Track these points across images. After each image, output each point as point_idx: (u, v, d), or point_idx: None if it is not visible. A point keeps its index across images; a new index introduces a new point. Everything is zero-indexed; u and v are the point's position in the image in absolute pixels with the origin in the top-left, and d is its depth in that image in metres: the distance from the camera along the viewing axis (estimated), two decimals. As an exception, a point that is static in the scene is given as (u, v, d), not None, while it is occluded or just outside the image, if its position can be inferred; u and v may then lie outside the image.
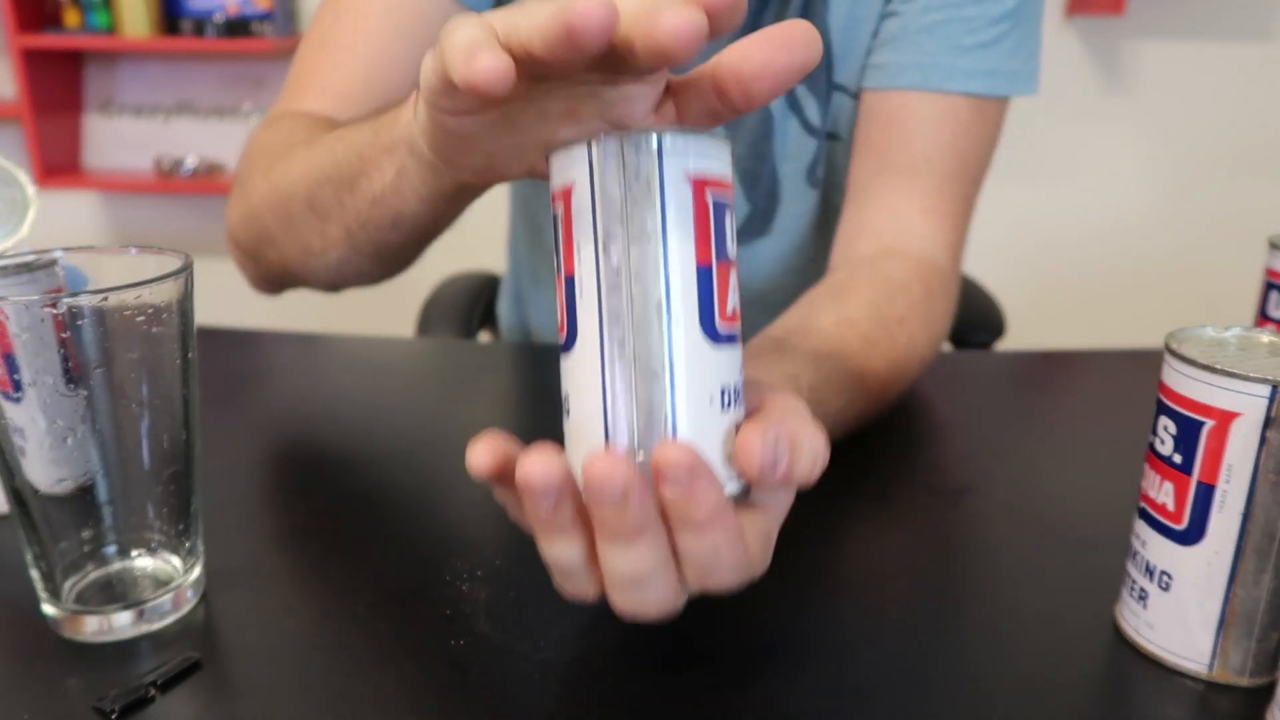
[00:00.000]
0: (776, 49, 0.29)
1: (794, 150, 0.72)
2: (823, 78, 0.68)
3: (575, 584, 0.31)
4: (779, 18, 0.68)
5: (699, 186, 0.29)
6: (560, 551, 0.30)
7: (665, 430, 0.29)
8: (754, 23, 0.68)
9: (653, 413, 0.29)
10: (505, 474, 0.30)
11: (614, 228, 0.29)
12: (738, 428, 0.30)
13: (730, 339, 0.30)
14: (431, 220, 0.49)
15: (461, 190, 0.44)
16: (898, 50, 0.64)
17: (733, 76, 0.31)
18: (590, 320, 0.29)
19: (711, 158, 0.30)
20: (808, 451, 0.30)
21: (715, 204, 0.30)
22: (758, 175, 0.72)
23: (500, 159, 0.38)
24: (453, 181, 0.43)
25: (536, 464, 0.28)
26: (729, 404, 0.30)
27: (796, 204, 0.74)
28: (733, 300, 0.31)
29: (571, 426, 0.31)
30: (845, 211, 0.67)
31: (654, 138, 0.29)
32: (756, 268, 0.77)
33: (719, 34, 0.29)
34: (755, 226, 0.75)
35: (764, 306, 0.78)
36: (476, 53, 0.28)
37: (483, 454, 0.30)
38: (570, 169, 0.29)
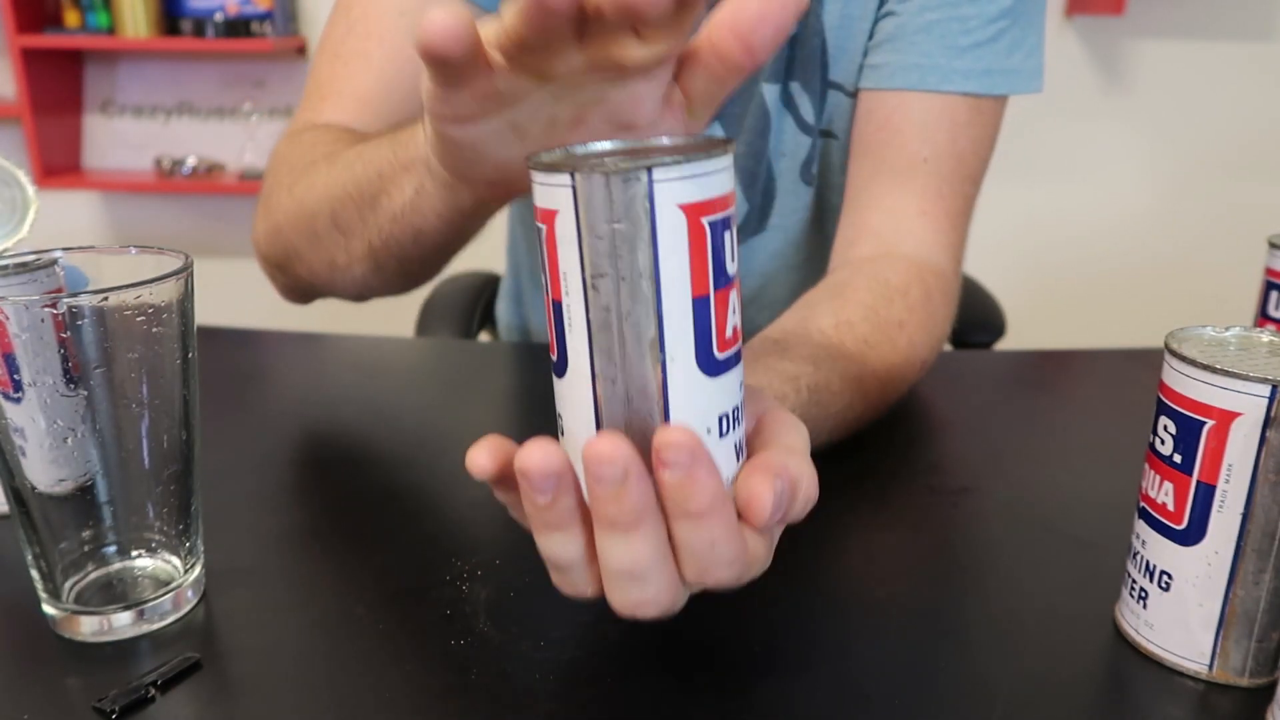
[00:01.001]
0: (762, 13, 0.29)
1: (789, 147, 0.72)
2: (817, 75, 0.68)
3: (572, 581, 0.31)
4: None
5: (694, 214, 0.27)
6: (558, 547, 0.30)
7: None
8: None
9: (648, 450, 0.28)
10: (506, 475, 0.30)
11: (602, 265, 0.27)
12: (737, 448, 0.30)
13: (729, 363, 0.29)
14: (453, 236, 0.49)
15: (480, 206, 0.44)
16: (895, 50, 0.64)
17: (731, 33, 0.29)
18: (580, 353, 0.28)
19: (708, 178, 0.27)
20: (803, 498, 0.31)
21: (712, 228, 0.28)
22: (755, 173, 0.72)
23: (513, 172, 0.37)
24: (470, 198, 0.43)
25: (535, 453, 0.28)
26: (728, 430, 0.30)
27: (792, 200, 0.74)
28: (733, 321, 0.29)
29: (567, 445, 0.30)
30: (844, 213, 0.67)
31: (644, 174, 0.26)
32: (752, 264, 0.77)
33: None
34: (752, 224, 0.75)
35: (761, 304, 0.78)
36: (430, 13, 0.28)
37: (483, 456, 0.29)
38: (553, 196, 0.27)
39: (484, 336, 1.02)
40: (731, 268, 0.29)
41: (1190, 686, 0.35)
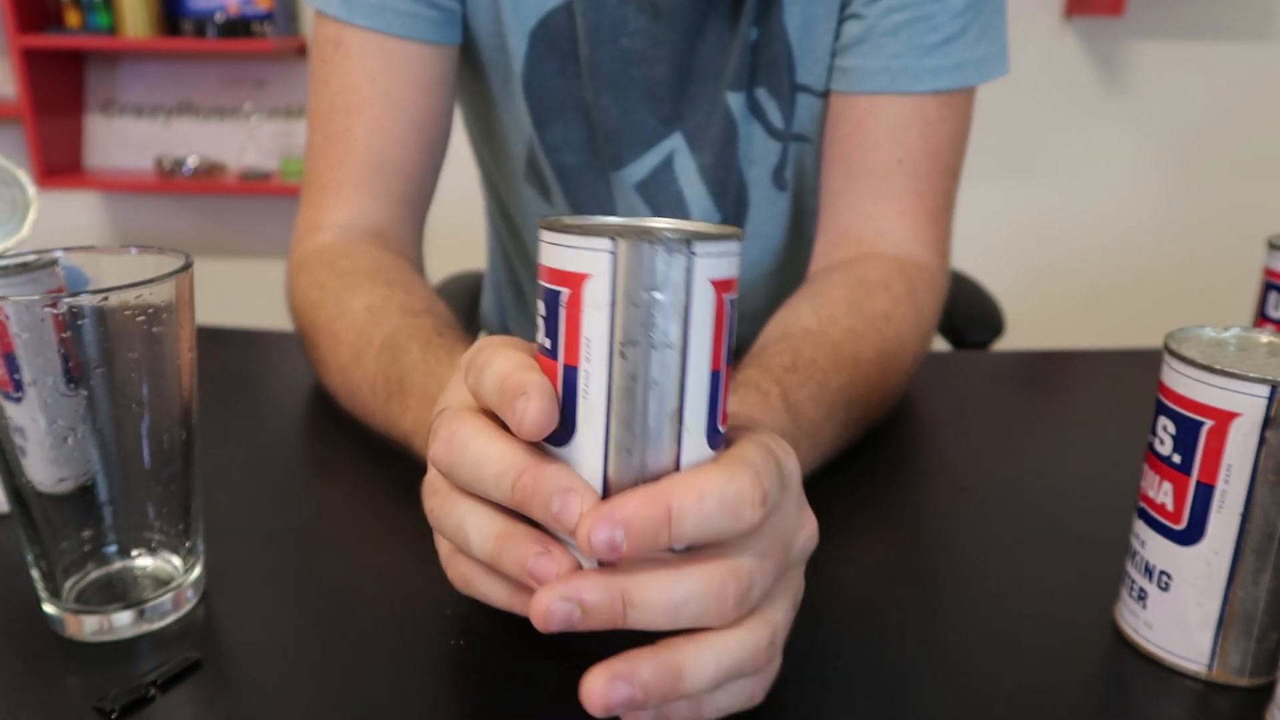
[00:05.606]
0: None
1: (759, 154, 0.71)
2: (784, 80, 0.67)
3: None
4: (731, 23, 0.67)
5: (720, 290, 0.28)
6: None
7: None
8: (698, 30, 0.67)
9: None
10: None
11: (636, 333, 0.27)
12: None
13: (723, 437, 0.30)
14: None
15: None
16: (863, 54, 0.63)
17: None
18: (595, 421, 0.28)
19: (732, 259, 0.29)
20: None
21: (730, 305, 0.29)
22: (725, 183, 0.71)
23: None
24: None
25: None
26: None
27: (766, 207, 0.74)
28: (731, 400, 0.30)
29: None
30: (821, 220, 0.67)
31: (686, 245, 0.27)
32: None
33: None
34: None
35: (740, 312, 0.78)
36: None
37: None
38: (585, 260, 0.28)
39: (484, 335, 1.02)
40: (733, 346, 0.30)
41: (1190, 686, 0.36)
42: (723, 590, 0.28)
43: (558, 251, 0.28)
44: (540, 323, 0.29)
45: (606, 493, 0.29)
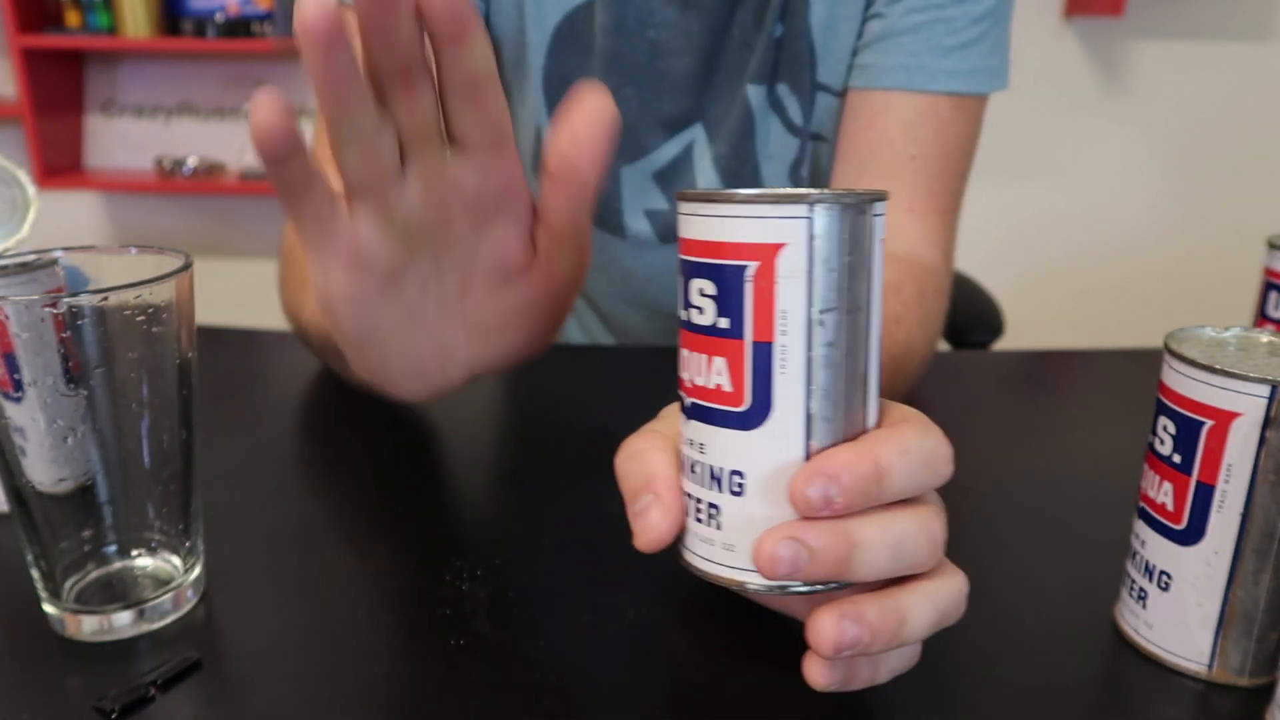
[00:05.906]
0: (591, 124, 0.32)
1: (776, 150, 0.71)
2: (806, 77, 0.68)
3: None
4: (757, 17, 0.68)
5: (883, 248, 0.29)
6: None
7: None
8: (726, 23, 0.68)
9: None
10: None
11: (831, 299, 0.27)
12: None
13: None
14: None
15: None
16: (881, 51, 0.65)
17: (570, 144, 0.32)
18: (795, 395, 0.28)
19: (886, 218, 0.29)
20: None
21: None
22: (739, 175, 0.72)
23: (427, 361, 0.37)
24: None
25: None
26: None
27: None
28: None
29: (749, 504, 0.29)
30: None
31: (872, 205, 0.27)
32: None
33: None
34: None
35: None
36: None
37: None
38: (778, 229, 0.27)
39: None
40: None
41: (1190, 686, 0.35)
42: (930, 529, 0.29)
43: (737, 224, 0.27)
44: (707, 302, 0.28)
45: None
